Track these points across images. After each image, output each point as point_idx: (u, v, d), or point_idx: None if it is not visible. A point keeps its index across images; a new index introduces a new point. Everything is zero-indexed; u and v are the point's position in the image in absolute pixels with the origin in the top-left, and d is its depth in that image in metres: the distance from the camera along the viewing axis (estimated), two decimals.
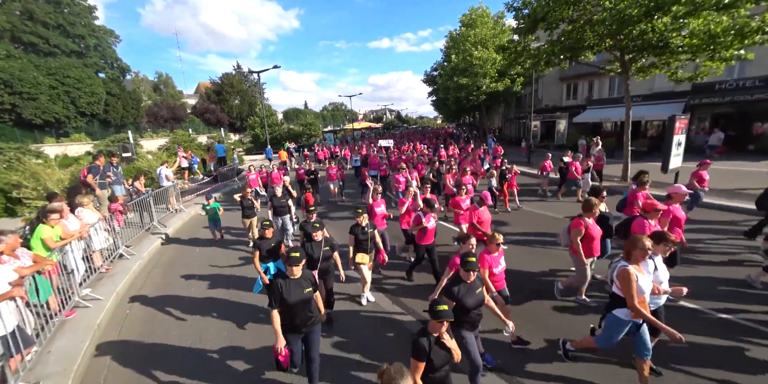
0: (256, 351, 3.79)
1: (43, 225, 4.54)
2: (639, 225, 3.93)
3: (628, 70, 10.54)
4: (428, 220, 4.81)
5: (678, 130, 9.90)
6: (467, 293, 2.79)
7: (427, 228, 4.78)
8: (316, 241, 3.90)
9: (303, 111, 62.51)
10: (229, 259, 6.63)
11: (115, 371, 3.64)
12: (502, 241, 3.46)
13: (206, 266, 6.34)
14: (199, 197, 12.24)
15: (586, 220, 4.11)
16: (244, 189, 6.92)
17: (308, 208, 4.64)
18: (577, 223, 4.11)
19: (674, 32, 8.76)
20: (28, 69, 23.98)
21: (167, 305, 4.96)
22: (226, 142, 29.09)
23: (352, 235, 4.47)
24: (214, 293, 5.24)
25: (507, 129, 37.31)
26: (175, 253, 7.26)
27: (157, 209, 8.68)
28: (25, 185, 9.17)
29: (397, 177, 8.69)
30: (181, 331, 4.28)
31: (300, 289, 2.90)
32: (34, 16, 27.97)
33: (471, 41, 24.01)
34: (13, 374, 3.07)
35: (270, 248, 4.22)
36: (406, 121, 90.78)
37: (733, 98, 14.84)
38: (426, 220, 4.79)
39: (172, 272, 6.16)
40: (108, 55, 34.51)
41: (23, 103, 23.77)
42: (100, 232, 5.73)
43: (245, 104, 44.68)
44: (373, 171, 11.78)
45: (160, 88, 50.07)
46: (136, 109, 32.94)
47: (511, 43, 13.11)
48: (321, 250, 3.87)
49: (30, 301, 3.78)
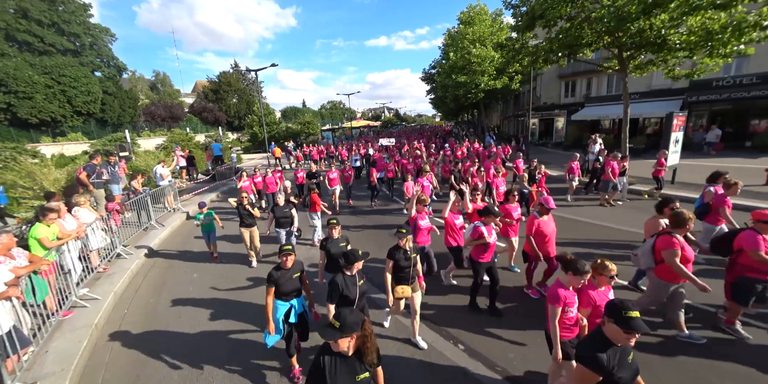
0: (254, 350, 3.79)
1: (40, 224, 4.51)
2: (751, 239, 3.22)
3: (626, 67, 10.54)
4: (490, 233, 4.01)
5: (676, 128, 9.94)
6: (620, 363, 1.82)
7: (489, 243, 3.98)
8: (348, 275, 3.02)
9: (301, 109, 62.27)
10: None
11: (113, 371, 3.62)
12: (615, 272, 2.63)
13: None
14: (197, 197, 12.20)
15: (679, 238, 3.29)
16: (239, 194, 6.09)
17: (329, 221, 4.11)
18: (669, 242, 3.27)
19: (672, 29, 8.75)
20: (23, 68, 23.78)
21: (165, 305, 4.95)
22: (224, 141, 29.02)
23: (391, 260, 3.50)
24: (214, 293, 5.23)
25: (505, 127, 37.33)
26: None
27: (154, 208, 8.65)
28: (21, 185, 9.11)
29: (421, 181, 7.53)
30: (179, 331, 4.27)
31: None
32: (28, 14, 27.68)
33: (469, 39, 23.93)
34: (10, 374, 3.06)
35: (290, 280, 3.20)
36: (405, 119, 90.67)
37: (730, 95, 14.87)
38: (488, 233, 3.99)
39: (170, 272, 6.14)
40: (104, 54, 34.23)
41: (18, 103, 23.59)
42: (97, 231, 5.70)
43: (243, 103, 44.51)
44: (380, 173, 10.86)
45: (157, 86, 49.76)
46: (134, 108, 32.73)
47: (509, 40, 13.07)
48: (357, 286, 3.01)
49: (27, 301, 3.77)
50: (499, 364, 3.35)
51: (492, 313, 4.16)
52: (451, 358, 3.46)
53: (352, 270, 3.01)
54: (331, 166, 10.06)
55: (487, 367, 3.32)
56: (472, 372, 3.26)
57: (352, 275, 3.03)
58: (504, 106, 37.72)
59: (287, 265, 3.19)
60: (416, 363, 3.42)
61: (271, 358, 3.59)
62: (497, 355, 3.49)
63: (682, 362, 3.21)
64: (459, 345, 3.68)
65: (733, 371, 3.07)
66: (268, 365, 3.53)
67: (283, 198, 5.94)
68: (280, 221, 5.82)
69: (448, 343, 3.70)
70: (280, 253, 3.23)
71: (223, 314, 4.58)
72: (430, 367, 3.37)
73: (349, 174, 10.32)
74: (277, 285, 3.15)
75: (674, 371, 3.12)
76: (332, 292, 2.96)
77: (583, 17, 9.78)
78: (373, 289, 4.74)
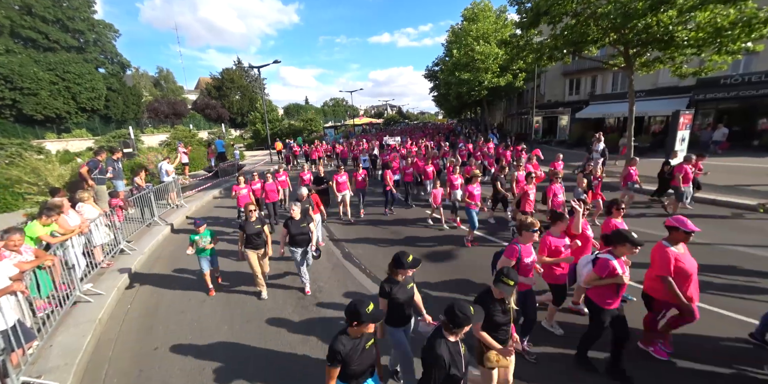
0: (256, 341, 3.82)
1: (35, 222, 4.55)
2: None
3: (632, 64, 10.40)
4: (623, 268, 2.93)
5: (682, 126, 9.84)
6: None
7: (623, 282, 2.89)
8: (452, 341, 2.10)
9: (304, 106, 62.21)
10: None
11: (117, 365, 3.67)
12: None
13: None
14: (200, 193, 12.25)
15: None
16: (246, 208, 4.83)
17: (400, 262, 2.72)
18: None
19: (680, 26, 8.61)
20: (28, 64, 23.91)
21: (168, 300, 4.99)
22: (227, 138, 29.09)
23: (484, 315, 2.37)
24: (217, 287, 5.26)
25: (508, 125, 37.09)
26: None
27: (158, 204, 8.70)
28: (27, 180, 9.19)
29: (471, 189, 6.22)
30: (181, 326, 4.30)
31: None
32: (33, 11, 27.79)
33: (473, 36, 23.71)
34: (14, 368, 3.10)
35: (364, 354, 2.15)
36: (407, 116, 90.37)
37: (738, 93, 14.65)
38: (621, 268, 2.90)
39: (173, 268, 6.18)
40: (108, 50, 34.34)
41: (24, 99, 23.76)
42: (100, 227, 5.75)
43: (246, 100, 44.55)
44: (396, 175, 9.60)
45: (160, 83, 49.87)
46: (137, 105, 32.88)
47: (513, 37, 12.93)
48: (463, 357, 2.15)
49: (31, 296, 3.81)
50: None
51: (617, 376, 3.03)
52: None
53: (458, 334, 2.09)
54: (339, 168, 8.50)
55: None
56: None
57: (455, 342, 2.10)
58: (507, 104, 37.45)
59: (360, 332, 2.11)
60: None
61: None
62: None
63: None
64: None
65: None
66: (283, 366, 3.56)
67: (299, 210, 4.75)
68: (295, 239, 4.66)
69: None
70: (349, 318, 2.08)
71: (226, 308, 4.61)
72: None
73: (363, 178, 8.61)
74: (345, 363, 2.07)
75: None
76: (433, 370, 2.00)
77: (589, 13, 9.64)
78: None
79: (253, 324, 4.24)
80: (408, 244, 6.67)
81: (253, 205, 4.90)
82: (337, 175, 8.25)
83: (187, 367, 3.55)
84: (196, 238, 4.87)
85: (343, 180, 8.19)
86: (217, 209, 10.41)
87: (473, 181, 6.36)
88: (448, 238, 6.81)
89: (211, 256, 5.05)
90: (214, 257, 5.12)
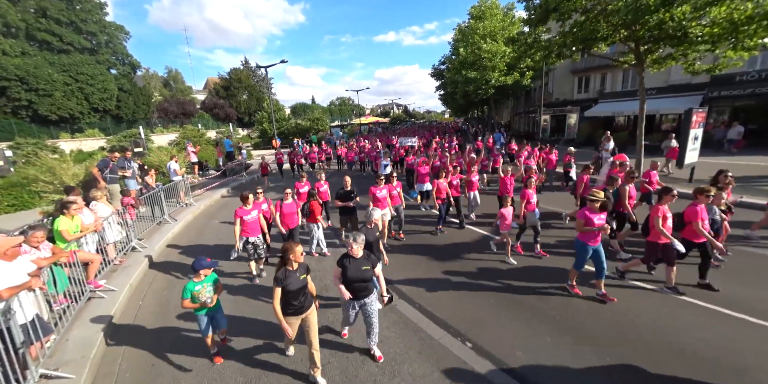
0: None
1: (63, 216, 4.68)
2: None
3: (643, 61, 10.18)
4: None
5: (695, 124, 9.61)
6: None
7: None
8: None
9: (310, 106, 62.54)
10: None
11: (130, 359, 3.76)
12: None
13: None
14: (208, 192, 12.41)
15: None
16: (286, 250, 3.00)
17: None
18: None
19: (694, 21, 8.39)
20: (42, 66, 24.56)
21: (179, 296, 5.05)
22: (235, 137, 29.42)
23: None
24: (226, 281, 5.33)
25: (516, 123, 36.72)
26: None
27: (167, 203, 8.86)
28: (42, 179, 9.46)
29: (528, 194, 5.40)
30: (192, 322, 4.38)
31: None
32: (47, 14, 28.48)
33: (480, 34, 23.52)
34: (33, 361, 3.21)
35: None
36: (414, 115, 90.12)
37: (754, 90, 14.24)
38: None
39: (183, 265, 6.30)
40: (119, 52, 35.01)
41: (39, 100, 24.42)
42: (113, 225, 5.89)
43: (253, 99, 44.98)
44: (424, 185, 8.13)
45: (170, 83, 50.67)
46: (147, 105, 33.50)
47: (521, 35, 12.77)
48: None
49: (48, 292, 3.93)
50: (506, 362, 3.35)
51: None
52: (459, 356, 3.46)
53: None
54: (379, 180, 6.32)
55: (495, 365, 3.33)
56: (477, 370, 3.27)
57: None
58: (515, 103, 37.06)
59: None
60: (422, 359, 3.44)
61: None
62: (505, 352, 3.49)
63: None
64: (467, 342, 3.68)
65: None
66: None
67: (360, 245, 3.15)
68: (353, 287, 3.15)
69: (455, 340, 3.72)
70: None
71: (234, 303, 4.68)
72: (437, 363, 3.38)
73: (399, 192, 6.64)
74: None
75: None
76: None
77: (599, 10, 9.47)
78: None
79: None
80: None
81: (296, 255, 2.95)
82: (375, 188, 6.20)
83: (198, 361, 3.62)
84: (196, 289, 3.27)
85: (383, 195, 6.17)
86: (224, 210, 10.56)
87: (528, 185, 5.46)
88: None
89: (216, 313, 3.46)
90: (220, 313, 3.52)
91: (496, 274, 5.18)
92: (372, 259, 3.31)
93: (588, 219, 4.21)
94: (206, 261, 3.36)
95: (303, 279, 3.04)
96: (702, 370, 3.08)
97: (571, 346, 3.52)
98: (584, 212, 4.27)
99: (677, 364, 3.18)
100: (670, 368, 3.13)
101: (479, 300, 4.53)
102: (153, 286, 5.49)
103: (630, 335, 3.63)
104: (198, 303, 3.27)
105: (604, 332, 3.71)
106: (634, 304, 4.22)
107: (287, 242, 3.05)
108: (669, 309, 4.06)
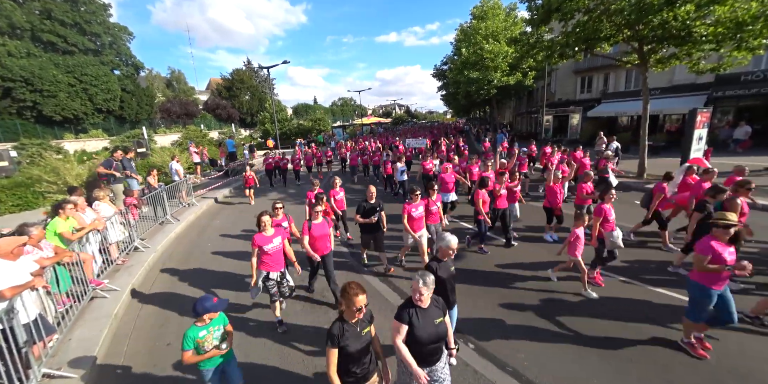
0: (266, 332, 3.89)
1: (57, 218, 4.70)
2: None
3: (647, 61, 10.13)
4: None
5: (699, 124, 9.54)
6: None
7: None
8: None
9: (312, 106, 62.66)
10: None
11: (132, 358, 3.77)
12: None
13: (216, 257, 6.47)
14: (210, 192, 12.43)
15: None
16: (346, 297, 2.12)
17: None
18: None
19: (698, 21, 8.34)
20: (47, 67, 24.75)
21: (180, 297, 5.10)
22: (237, 137, 29.52)
23: None
24: (228, 281, 5.36)
25: (518, 123, 36.62)
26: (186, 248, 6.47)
27: (170, 203, 8.90)
28: (47, 179, 9.54)
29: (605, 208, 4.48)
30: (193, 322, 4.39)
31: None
32: (52, 15, 28.69)
33: (482, 34, 23.50)
34: (36, 360, 3.22)
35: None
36: (416, 115, 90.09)
37: (759, 90, 14.12)
38: None
39: (186, 265, 6.32)
40: (122, 53, 35.21)
41: (43, 101, 24.60)
42: (116, 225, 5.92)
43: (255, 100, 45.09)
44: (448, 195, 7.23)
45: (172, 84, 50.91)
46: (150, 106, 33.65)
47: (523, 35, 12.74)
48: None
49: (51, 291, 3.95)
50: (509, 364, 3.32)
51: None
52: (462, 357, 3.43)
53: None
54: (412, 196, 5.08)
55: (497, 367, 3.30)
56: (480, 372, 3.25)
57: None
58: (517, 103, 36.97)
59: None
60: None
61: (287, 344, 3.67)
62: (507, 354, 3.47)
63: None
64: (469, 344, 3.67)
65: None
66: (286, 353, 3.60)
67: (431, 290, 2.27)
68: (425, 352, 2.28)
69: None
70: None
71: (237, 304, 4.68)
72: None
73: (437, 208, 5.37)
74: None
75: None
76: None
77: (602, 9, 9.43)
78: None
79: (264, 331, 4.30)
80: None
81: (358, 299, 2.09)
82: (410, 205, 4.92)
83: None
84: (200, 336, 2.50)
85: (420, 213, 5.01)
86: (227, 209, 10.58)
87: (586, 179, 4.91)
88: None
89: (227, 365, 2.65)
90: (232, 365, 2.70)
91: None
92: (441, 303, 2.40)
93: (716, 253, 2.98)
94: (212, 302, 2.48)
95: (366, 334, 2.19)
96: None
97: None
98: (709, 243, 3.03)
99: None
100: None
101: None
102: (155, 287, 5.51)
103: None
104: (204, 354, 2.44)
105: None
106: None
107: (347, 285, 2.13)
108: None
